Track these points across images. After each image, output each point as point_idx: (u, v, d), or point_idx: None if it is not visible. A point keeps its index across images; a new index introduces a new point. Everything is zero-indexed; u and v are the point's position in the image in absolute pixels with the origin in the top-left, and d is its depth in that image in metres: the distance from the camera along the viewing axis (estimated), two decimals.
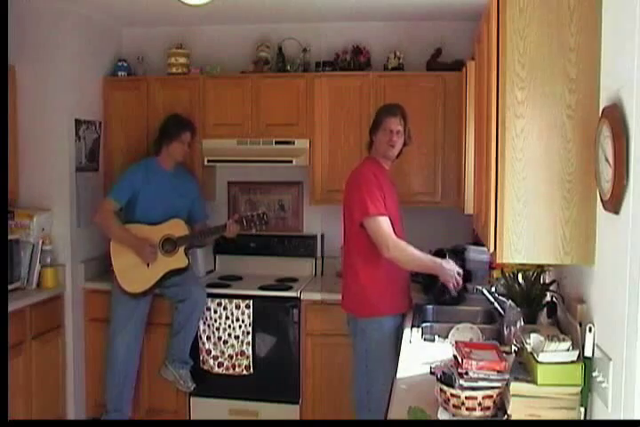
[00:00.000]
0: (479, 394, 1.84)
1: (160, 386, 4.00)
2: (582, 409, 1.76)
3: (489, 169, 1.95)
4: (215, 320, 3.92)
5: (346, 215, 3.20)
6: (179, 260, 3.82)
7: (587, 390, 1.74)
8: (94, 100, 4.27)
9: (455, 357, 1.94)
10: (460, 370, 1.86)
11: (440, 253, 3.35)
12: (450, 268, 3.02)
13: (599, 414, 1.69)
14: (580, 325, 1.81)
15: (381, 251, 2.96)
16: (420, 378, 2.31)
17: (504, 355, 1.95)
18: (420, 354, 2.60)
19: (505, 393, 1.85)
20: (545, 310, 2.27)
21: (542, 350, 1.80)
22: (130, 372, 3.89)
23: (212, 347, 3.93)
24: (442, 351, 2.51)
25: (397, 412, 2.01)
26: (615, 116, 1.51)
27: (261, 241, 4.39)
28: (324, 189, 4.10)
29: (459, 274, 3.04)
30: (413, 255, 2.99)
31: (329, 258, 4.37)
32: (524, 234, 1.83)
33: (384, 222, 2.98)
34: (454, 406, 1.86)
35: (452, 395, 1.86)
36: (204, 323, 3.93)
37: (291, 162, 4.04)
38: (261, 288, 3.99)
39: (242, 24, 4.39)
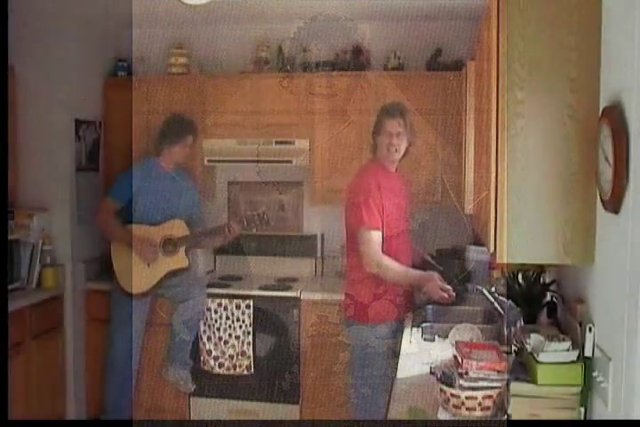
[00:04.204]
0: (479, 394, 1.84)
1: (160, 386, 4.00)
2: (582, 409, 1.75)
3: (489, 169, 1.95)
4: (215, 321, 3.92)
5: (346, 218, 3.20)
6: (179, 260, 3.82)
7: (587, 390, 1.74)
8: (94, 100, 4.27)
9: (455, 357, 1.94)
10: (459, 370, 1.86)
11: (425, 263, 3.37)
12: (431, 279, 3.01)
13: (599, 414, 1.69)
14: (580, 325, 1.81)
15: (365, 266, 2.99)
16: (419, 378, 2.31)
17: (504, 355, 1.95)
18: (420, 354, 2.60)
19: (505, 393, 1.85)
20: (545, 310, 2.27)
21: (542, 350, 1.80)
22: (130, 372, 3.89)
23: (212, 347, 3.93)
24: (442, 351, 2.50)
25: (397, 412, 2.01)
26: (615, 116, 1.51)
27: (261, 241, 4.39)
28: (323, 189, 4.10)
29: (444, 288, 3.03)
30: (395, 272, 3.01)
31: (329, 258, 4.36)
32: (523, 234, 1.83)
33: (374, 237, 2.99)
34: (454, 406, 1.86)
35: (452, 395, 1.86)
36: (205, 323, 3.93)
37: (291, 162, 4.04)
38: (261, 288, 3.99)
39: (242, 24, 4.38)
